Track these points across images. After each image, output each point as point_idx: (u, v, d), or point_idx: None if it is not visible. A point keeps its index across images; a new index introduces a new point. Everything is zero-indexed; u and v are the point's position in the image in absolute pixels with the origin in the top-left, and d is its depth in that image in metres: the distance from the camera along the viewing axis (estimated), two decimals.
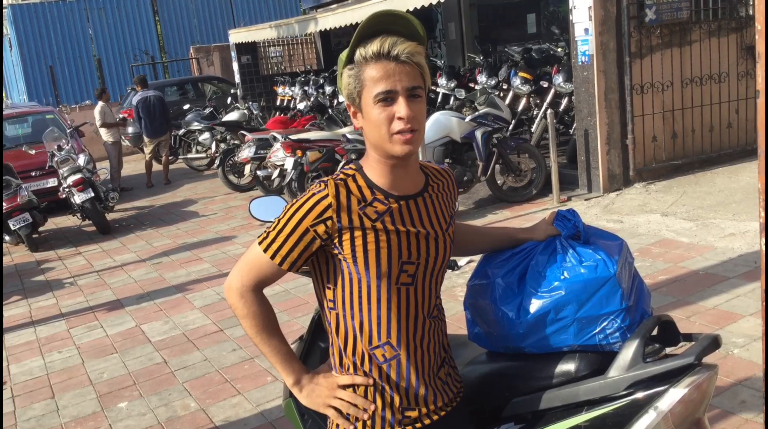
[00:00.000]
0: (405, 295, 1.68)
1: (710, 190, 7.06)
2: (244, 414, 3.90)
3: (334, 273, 1.68)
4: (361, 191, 1.65)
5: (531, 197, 7.63)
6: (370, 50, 1.59)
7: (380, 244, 1.63)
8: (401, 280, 1.67)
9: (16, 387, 4.67)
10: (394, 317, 1.68)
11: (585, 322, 1.78)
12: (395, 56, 1.58)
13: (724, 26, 7.85)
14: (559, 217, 1.94)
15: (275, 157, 8.41)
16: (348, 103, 1.68)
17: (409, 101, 1.60)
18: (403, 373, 1.70)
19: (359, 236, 1.62)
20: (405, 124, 1.59)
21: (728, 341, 3.87)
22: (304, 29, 12.53)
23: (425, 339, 1.73)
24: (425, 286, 1.72)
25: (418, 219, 1.70)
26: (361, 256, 1.63)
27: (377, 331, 1.68)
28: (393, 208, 1.66)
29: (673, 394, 1.65)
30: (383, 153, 1.65)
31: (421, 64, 1.62)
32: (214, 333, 5.14)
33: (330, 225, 1.62)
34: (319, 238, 1.63)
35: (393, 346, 1.69)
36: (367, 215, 1.64)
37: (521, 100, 9.23)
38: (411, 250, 1.67)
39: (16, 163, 9.61)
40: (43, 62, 22.27)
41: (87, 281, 7.00)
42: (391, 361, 1.69)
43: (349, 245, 1.63)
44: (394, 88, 1.59)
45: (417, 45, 1.61)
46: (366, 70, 1.60)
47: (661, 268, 5.15)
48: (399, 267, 1.66)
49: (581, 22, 7.24)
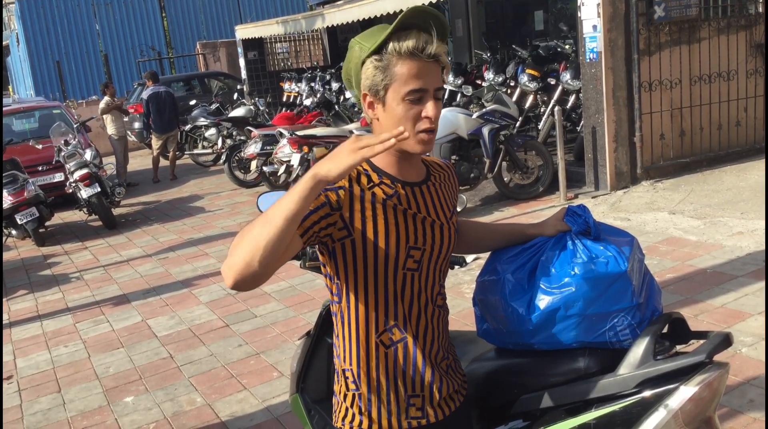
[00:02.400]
0: (410, 280, 1.69)
1: (718, 188, 7.03)
2: (250, 409, 3.90)
3: (345, 260, 1.65)
4: (368, 175, 1.67)
5: (538, 195, 7.61)
6: (405, 45, 1.56)
7: (389, 222, 1.64)
8: (407, 266, 1.67)
9: (23, 381, 4.68)
10: (400, 301, 1.68)
11: (595, 318, 1.77)
12: (429, 54, 1.57)
13: (734, 24, 7.81)
14: (570, 212, 1.93)
15: (281, 153, 8.40)
16: (366, 93, 1.64)
17: (435, 101, 1.61)
18: (410, 358, 1.71)
19: (369, 211, 1.62)
20: (430, 124, 1.60)
21: (736, 339, 3.85)
22: (311, 25, 12.52)
23: (430, 326, 1.74)
24: (430, 273, 1.72)
25: (424, 205, 1.71)
26: (371, 232, 1.62)
27: (384, 314, 1.68)
28: (400, 192, 1.67)
29: (684, 392, 1.63)
30: (396, 147, 1.61)
31: (446, 63, 1.63)
32: (220, 328, 5.14)
33: (342, 194, 1.60)
34: (329, 204, 1.58)
35: (400, 329, 1.69)
36: (376, 194, 1.65)
37: (528, 97, 9.21)
38: (417, 235, 1.67)
39: (23, 158, 9.62)
40: (50, 57, 22.34)
41: (93, 276, 7.01)
42: (398, 344, 1.70)
43: (359, 221, 1.61)
44: (426, 87, 1.58)
45: (443, 44, 1.61)
46: (398, 65, 1.57)
47: (668, 267, 5.13)
48: (406, 251, 1.66)
49: (589, 18, 7.21)
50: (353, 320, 1.70)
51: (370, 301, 1.68)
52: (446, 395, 1.76)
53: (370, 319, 1.69)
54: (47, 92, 21.69)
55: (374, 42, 1.59)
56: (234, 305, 5.57)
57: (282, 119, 10.40)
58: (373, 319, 1.69)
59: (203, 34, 23.71)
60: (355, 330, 1.70)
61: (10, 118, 12.10)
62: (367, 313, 1.68)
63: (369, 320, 1.69)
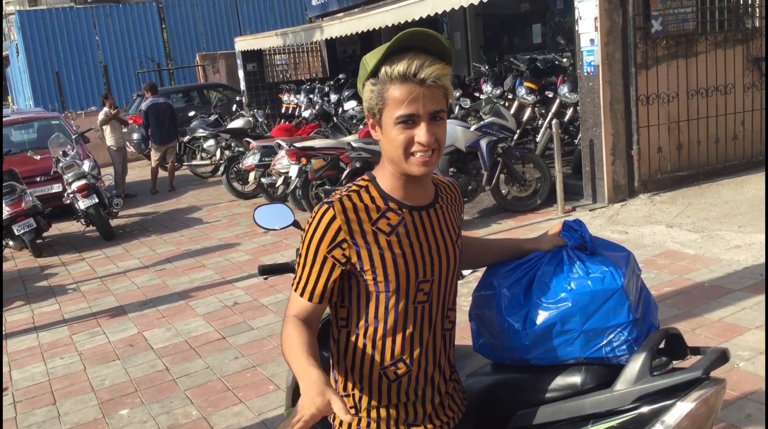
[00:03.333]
0: (421, 313, 1.68)
1: (716, 201, 7.04)
2: (245, 423, 3.88)
3: (349, 291, 1.67)
4: (374, 201, 1.64)
5: (536, 207, 7.61)
6: (396, 70, 1.53)
7: (397, 259, 1.62)
8: (418, 299, 1.66)
9: (18, 393, 4.66)
10: (409, 334, 1.67)
11: (592, 334, 1.76)
12: (421, 79, 1.53)
13: (731, 38, 7.84)
14: (566, 227, 1.93)
15: (280, 164, 8.41)
16: (367, 113, 1.64)
17: (431, 124, 1.56)
18: (412, 389, 1.70)
19: (376, 252, 1.61)
20: (422, 148, 1.57)
21: (734, 354, 3.85)
22: (310, 37, 12.56)
23: (437, 353, 1.73)
24: (440, 301, 1.72)
25: (431, 230, 1.69)
26: (380, 271, 1.61)
27: (391, 347, 1.67)
28: (406, 219, 1.65)
29: (681, 408, 1.63)
30: (398, 169, 1.63)
31: (447, 86, 1.57)
32: (217, 341, 5.12)
33: (345, 247, 1.60)
34: (339, 263, 1.61)
35: (406, 363, 1.68)
36: (381, 229, 1.62)
37: (526, 109, 9.24)
38: (426, 269, 1.66)
39: (21, 169, 9.61)
40: (49, 68, 22.37)
41: (90, 287, 6.99)
42: (403, 378, 1.68)
43: (367, 261, 1.61)
44: (417, 112, 1.54)
45: (445, 66, 1.56)
46: (390, 90, 1.55)
47: (666, 280, 5.12)
48: (416, 286, 1.65)
49: (587, 32, 7.24)
50: (359, 351, 1.68)
51: (378, 335, 1.66)
52: (444, 419, 1.76)
53: (376, 352, 1.67)
54: (46, 103, 21.71)
55: (372, 64, 1.57)
56: (231, 317, 5.56)
57: (280, 131, 10.42)
58: (379, 353, 1.67)
59: (203, 45, 23.78)
60: (360, 360, 1.69)
61: (9, 129, 12.12)
62: (373, 346, 1.67)
63: (375, 354, 1.67)
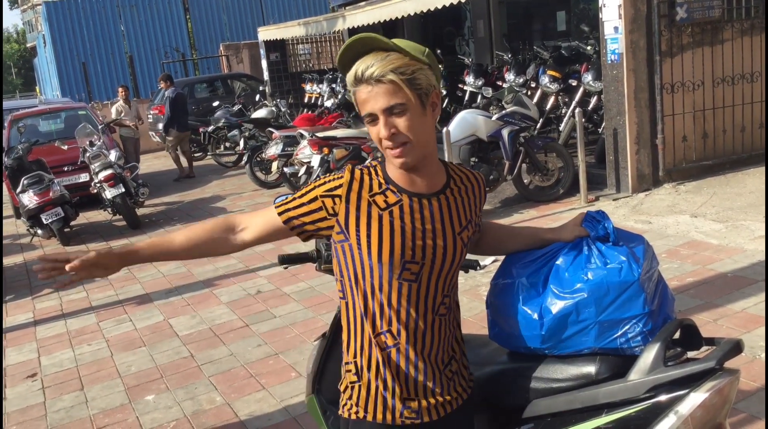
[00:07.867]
0: (407, 290, 1.73)
1: (741, 191, 6.96)
2: (268, 409, 3.94)
3: (345, 262, 1.76)
4: (378, 182, 1.75)
5: (558, 197, 7.58)
6: (349, 77, 1.67)
7: (383, 233, 1.69)
8: (403, 276, 1.72)
9: (47, 378, 4.77)
10: (395, 308, 1.73)
11: (607, 325, 1.78)
12: (368, 79, 1.64)
13: (757, 25, 7.72)
14: (588, 218, 1.93)
15: (302, 154, 8.46)
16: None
17: (389, 119, 1.65)
18: (403, 363, 1.75)
19: (364, 221, 1.70)
20: (389, 142, 1.67)
21: (755, 345, 3.83)
22: (332, 27, 12.56)
23: (428, 334, 1.77)
24: (431, 285, 1.76)
25: (430, 217, 1.74)
26: (365, 241, 1.70)
27: (380, 318, 1.75)
28: (404, 202, 1.72)
29: (694, 399, 1.64)
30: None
31: (396, 80, 1.62)
32: (240, 328, 5.20)
33: (337, 202, 1.72)
34: (326, 210, 1.73)
35: (393, 335, 1.75)
36: (376, 203, 1.72)
37: (549, 98, 9.17)
38: (415, 250, 1.71)
39: (49, 159, 9.78)
40: (76, 59, 22.66)
41: (117, 275, 7.04)
42: (391, 349, 1.75)
43: (354, 228, 1.71)
44: (373, 110, 1.66)
45: (396, 58, 1.63)
46: (356, 94, 1.69)
47: (689, 270, 5.09)
48: (401, 264, 1.71)
49: (611, 20, 7.17)
50: (355, 317, 1.78)
51: (368, 302, 1.75)
52: (446, 398, 1.80)
53: (366, 320, 1.75)
54: (73, 93, 22.00)
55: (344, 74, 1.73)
56: (254, 306, 5.63)
57: (303, 120, 10.47)
58: (370, 321, 1.75)
59: (226, 35, 23.91)
60: (356, 326, 1.78)
61: (36, 119, 12.34)
62: (363, 313, 1.76)
63: (365, 321, 1.76)
